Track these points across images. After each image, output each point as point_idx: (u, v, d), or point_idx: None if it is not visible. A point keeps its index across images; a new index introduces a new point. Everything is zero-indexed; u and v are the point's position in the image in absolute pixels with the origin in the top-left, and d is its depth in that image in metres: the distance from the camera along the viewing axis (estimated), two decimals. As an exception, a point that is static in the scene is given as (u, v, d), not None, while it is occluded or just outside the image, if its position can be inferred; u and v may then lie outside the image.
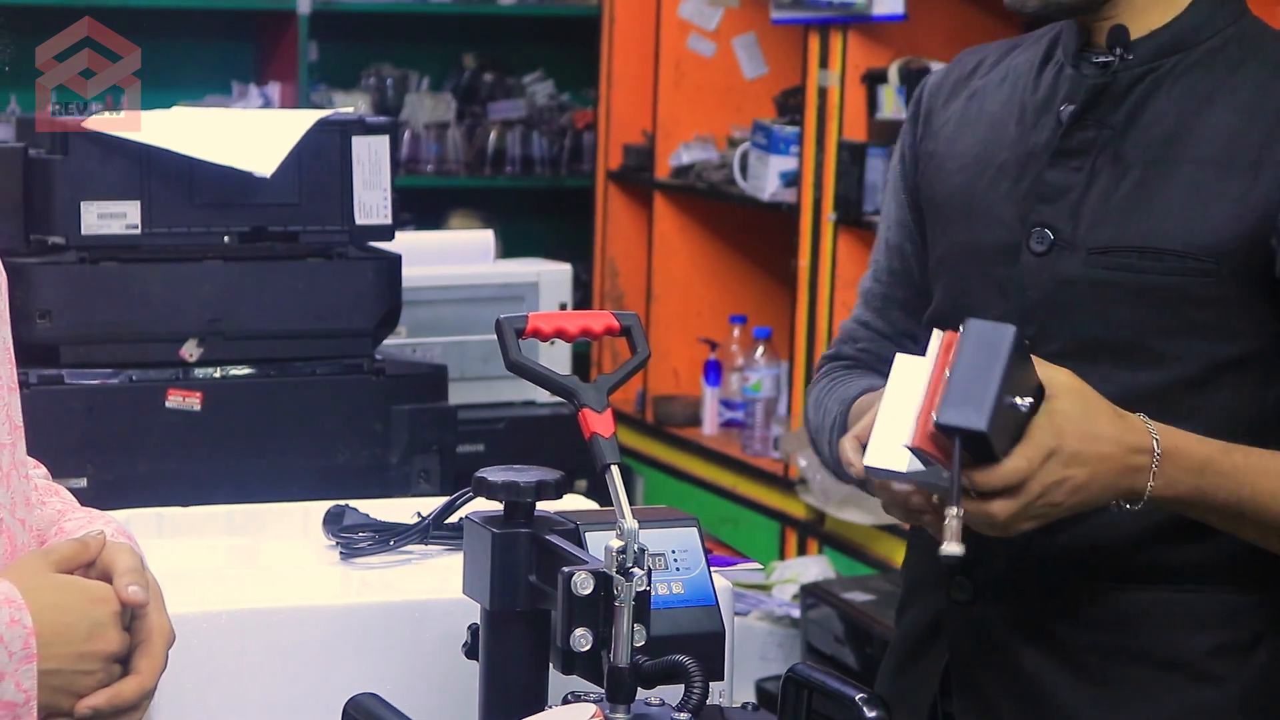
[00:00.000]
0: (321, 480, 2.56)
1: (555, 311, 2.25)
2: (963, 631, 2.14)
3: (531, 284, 3.35)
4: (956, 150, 2.21)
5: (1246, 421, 2.02)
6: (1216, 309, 2.02)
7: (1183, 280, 2.01)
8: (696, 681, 1.76)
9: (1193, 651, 2.06)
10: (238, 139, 2.82)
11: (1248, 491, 1.94)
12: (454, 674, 1.92)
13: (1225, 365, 2.02)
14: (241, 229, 2.80)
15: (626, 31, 5.15)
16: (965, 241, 2.19)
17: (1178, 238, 2.01)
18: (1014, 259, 2.11)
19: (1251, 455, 1.95)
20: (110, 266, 2.74)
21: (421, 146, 5.62)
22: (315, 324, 2.81)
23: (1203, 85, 2.06)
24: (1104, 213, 2.06)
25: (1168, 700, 2.07)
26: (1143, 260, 2.03)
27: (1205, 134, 2.03)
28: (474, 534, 1.88)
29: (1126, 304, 2.04)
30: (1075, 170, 2.09)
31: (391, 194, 2.89)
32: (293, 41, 5.52)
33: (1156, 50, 2.07)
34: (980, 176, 2.17)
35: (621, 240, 5.19)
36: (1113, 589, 2.07)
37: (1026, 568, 2.08)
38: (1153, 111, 2.06)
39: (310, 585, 2.20)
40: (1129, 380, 2.01)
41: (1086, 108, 2.09)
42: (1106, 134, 2.08)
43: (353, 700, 1.77)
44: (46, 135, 2.81)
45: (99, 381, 2.70)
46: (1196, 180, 2.02)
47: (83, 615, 1.68)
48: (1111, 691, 2.08)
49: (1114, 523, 1.99)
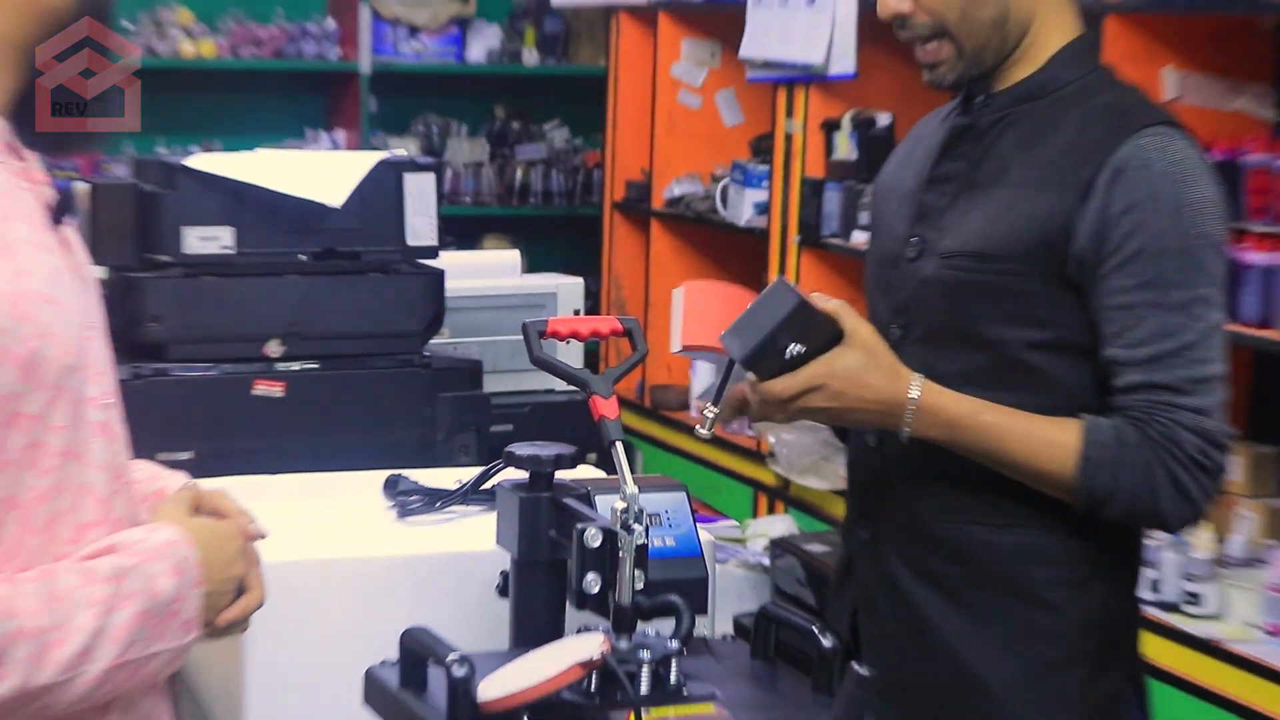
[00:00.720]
0: (380, 454, 2.55)
1: (570, 317, 2.26)
2: (865, 564, 2.15)
3: (550, 294, 3.34)
4: (889, 182, 2.26)
5: (1064, 392, 2.03)
6: (1028, 302, 2.02)
7: (1001, 278, 2.03)
8: (685, 616, 1.78)
9: (1034, 582, 2.06)
10: (311, 175, 2.82)
11: (992, 446, 1.99)
12: (489, 610, 1.92)
13: (1039, 347, 2.03)
14: (314, 249, 2.80)
15: (628, 88, 5.13)
16: (874, 252, 2.26)
17: (996, 244, 2.03)
18: (896, 265, 2.14)
19: (1001, 416, 1.99)
20: (208, 280, 2.74)
21: (461, 182, 5.61)
22: (374, 327, 2.81)
23: (1038, 125, 2.07)
24: (955, 226, 2.08)
25: (1013, 621, 2.07)
26: (973, 262, 2.05)
27: (1030, 164, 2.05)
28: (505, 497, 1.89)
29: (963, 299, 2.06)
30: (943, 194, 2.11)
31: (436, 220, 2.88)
32: (356, 96, 5.52)
33: (1012, 99, 2.09)
34: (889, 201, 2.22)
35: (624, 258, 5.18)
36: (974, 531, 2.07)
37: (911, 514, 2.10)
38: (999, 147, 2.09)
39: (372, 539, 2.20)
40: (968, 360, 2.04)
41: (951, 145, 2.13)
42: (964, 165, 2.11)
43: (407, 631, 1.77)
44: (156, 171, 2.80)
45: (199, 374, 2.70)
46: (1014, 200, 2.04)
47: (221, 549, 1.70)
48: (972, 612, 2.07)
49: (971, 478, 2.03)
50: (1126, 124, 2.01)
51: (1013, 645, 2.07)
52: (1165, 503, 1.95)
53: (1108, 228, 1.97)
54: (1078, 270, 1.99)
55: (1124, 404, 1.97)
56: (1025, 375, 2.03)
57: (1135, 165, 1.97)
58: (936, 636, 2.08)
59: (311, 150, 5.19)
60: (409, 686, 1.76)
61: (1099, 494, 1.96)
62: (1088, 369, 2.02)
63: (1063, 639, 2.07)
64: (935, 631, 2.08)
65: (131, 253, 2.76)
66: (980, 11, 2.05)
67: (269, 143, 4.93)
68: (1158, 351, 1.96)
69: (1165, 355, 1.96)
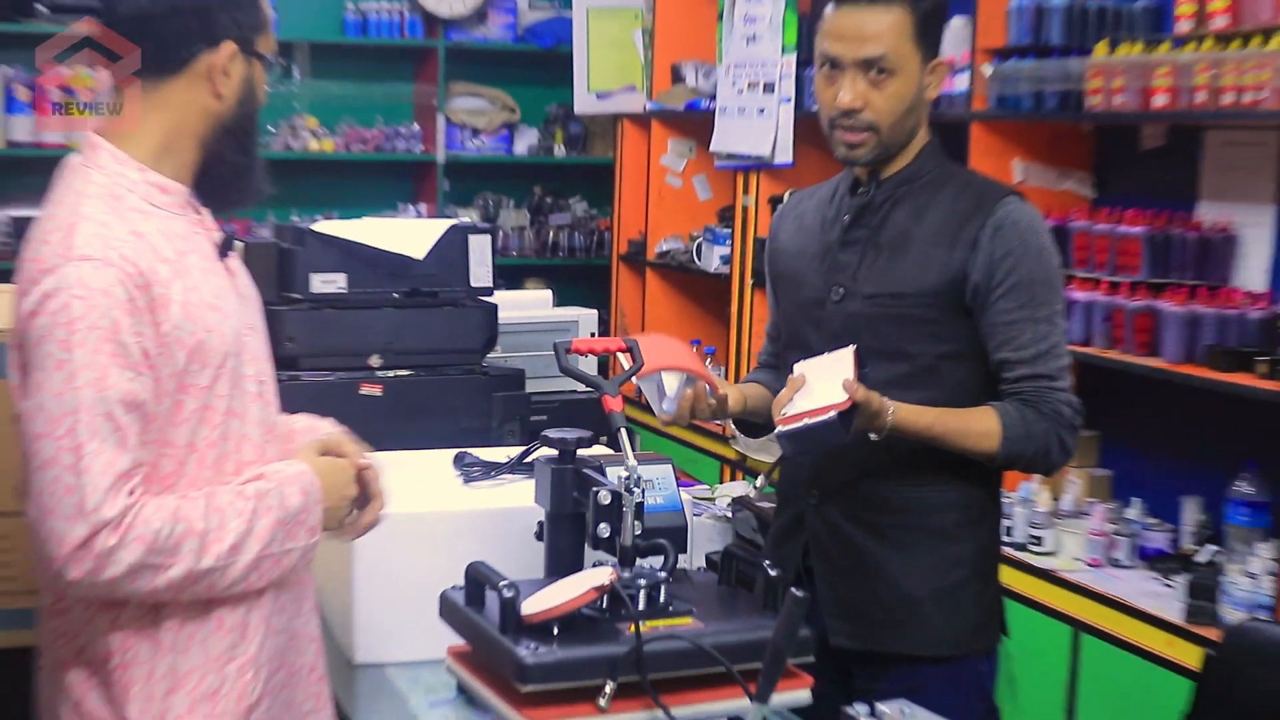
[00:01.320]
0: (451, 437, 2.54)
1: (587, 338, 2.26)
2: (815, 520, 2.15)
3: (574, 321, 3.34)
4: (788, 251, 2.24)
5: (962, 388, 2.06)
6: (935, 325, 2.05)
7: (915, 310, 2.06)
8: (670, 554, 1.79)
9: (945, 524, 2.09)
10: (401, 236, 2.81)
11: (942, 442, 2.02)
12: (529, 550, 1.92)
13: (945, 356, 2.07)
14: (404, 289, 2.78)
15: (629, 173, 5.13)
16: (796, 299, 2.23)
17: (910, 285, 2.06)
18: (822, 306, 2.14)
19: (944, 420, 2.01)
20: (328, 311, 2.73)
21: (509, 240, 5.61)
22: (446, 345, 2.79)
23: (921, 201, 2.10)
24: (870, 275, 2.09)
25: (932, 553, 2.09)
26: (893, 300, 2.07)
27: (924, 228, 2.07)
28: (541, 469, 1.89)
29: (887, 326, 2.07)
30: (853, 254, 2.12)
31: (491, 268, 2.88)
32: (433, 179, 5.52)
33: (896, 183, 2.12)
34: (802, 261, 2.20)
35: (626, 296, 5.17)
36: (901, 490, 2.09)
37: (852, 479, 2.11)
38: (894, 217, 2.10)
39: (445, 498, 2.20)
40: (893, 370, 2.06)
41: (856, 217, 2.13)
42: (867, 232, 2.12)
43: (470, 565, 1.78)
44: (290, 233, 2.78)
45: (321, 379, 2.69)
46: (920, 253, 2.06)
47: (337, 477, 1.74)
48: (902, 550, 2.09)
49: (896, 455, 2.05)
50: (991, 195, 2.07)
51: (932, 570, 2.09)
52: (1055, 456, 2.05)
53: (994, 268, 2.02)
54: (972, 298, 2.03)
55: (1016, 390, 2.04)
56: (935, 376, 2.06)
57: (1008, 223, 2.03)
58: (877, 568, 2.09)
59: (401, 218, 5.19)
60: (472, 604, 1.77)
61: (1015, 457, 2.03)
62: (977, 370, 2.07)
63: (966, 563, 2.10)
64: (875, 564, 2.09)
65: (273, 292, 2.75)
66: (905, 121, 2.08)
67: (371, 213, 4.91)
68: (1036, 352, 2.02)
69: (1041, 354, 2.03)
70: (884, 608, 2.08)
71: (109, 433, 1.50)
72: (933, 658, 2.07)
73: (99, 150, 1.62)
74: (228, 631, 1.63)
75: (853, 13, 2.03)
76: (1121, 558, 3.13)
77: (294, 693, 1.75)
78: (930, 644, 2.07)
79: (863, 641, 2.09)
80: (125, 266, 1.53)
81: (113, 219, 1.57)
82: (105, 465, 1.50)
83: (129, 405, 1.52)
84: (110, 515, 1.49)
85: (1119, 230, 3.16)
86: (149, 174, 1.63)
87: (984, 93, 3.40)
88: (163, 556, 1.53)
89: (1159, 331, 3.00)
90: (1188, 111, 2.94)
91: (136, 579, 1.52)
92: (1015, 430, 2.00)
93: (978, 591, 2.10)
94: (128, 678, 1.59)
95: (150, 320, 1.55)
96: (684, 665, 1.67)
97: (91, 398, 1.50)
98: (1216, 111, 2.86)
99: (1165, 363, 2.97)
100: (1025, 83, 3.29)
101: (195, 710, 1.61)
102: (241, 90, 1.66)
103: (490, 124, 5.63)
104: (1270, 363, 2.78)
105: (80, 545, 1.49)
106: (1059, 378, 2.03)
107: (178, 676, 1.60)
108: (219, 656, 1.63)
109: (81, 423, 1.49)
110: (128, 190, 1.61)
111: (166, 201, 1.64)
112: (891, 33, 2.02)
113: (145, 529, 1.51)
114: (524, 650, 1.63)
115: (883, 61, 2.02)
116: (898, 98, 2.04)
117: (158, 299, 1.55)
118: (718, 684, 1.68)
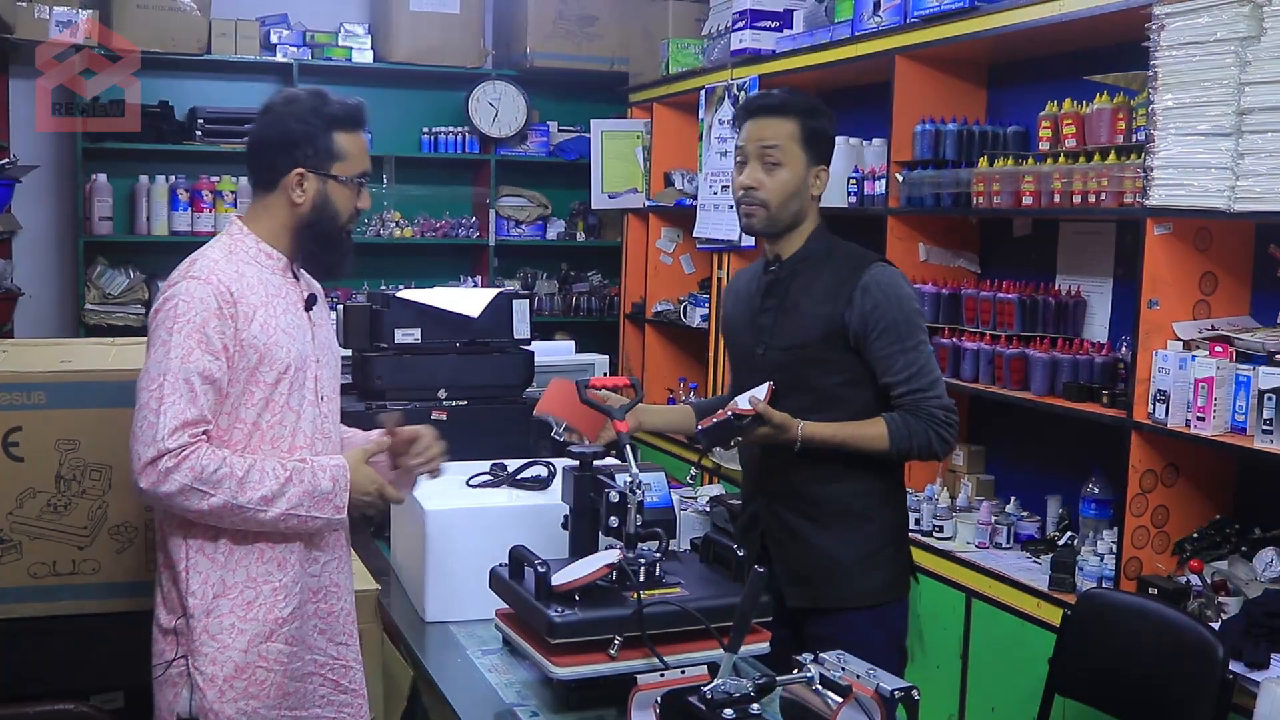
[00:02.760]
0: (498, 451, 2.54)
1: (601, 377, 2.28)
2: (767, 515, 2.14)
3: (590, 364, 3.35)
4: (731, 317, 2.26)
5: (857, 407, 2.06)
6: (828, 363, 2.06)
7: (813, 353, 2.07)
8: (663, 540, 1.79)
9: (861, 507, 2.09)
10: (462, 300, 2.83)
11: (846, 447, 2.03)
12: (556, 537, 1.91)
13: (843, 385, 2.07)
14: (464, 340, 2.81)
15: (633, 253, 5.12)
16: (735, 350, 2.25)
17: (806, 337, 2.07)
18: (753, 357, 2.15)
19: (844, 431, 2.03)
20: (407, 357, 2.75)
21: (543, 303, 5.61)
22: (495, 382, 2.81)
23: (811, 273, 2.11)
24: (780, 332, 2.10)
25: (852, 530, 2.09)
26: (797, 349, 2.08)
27: (813, 294, 2.08)
28: (567, 475, 1.90)
29: (795, 367, 2.08)
30: (768, 317, 2.13)
31: (529, 324, 2.90)
32: (486, 258, 5.52)
33: (794, 262, 2.13)
34: (739, 323, 2.22)
35: (630, 345, 5.15)
36: (825, 487, 2.09)
37: (787, 482, 2.10)
38: (793, 288, 2.11)
39: (494, 496, 2.20)
40: (804, 399, 2.06)
41: (767, 291, 2.15)
42: (776, 300, 2.13)
43: (513, 548, 1.78)
44: (379, 298, 2.80)
45: (402, 407, 2.70)
46: (810, 313, 2.07)
47: (365, 476, 1.79)
48: (829, 529, 2.08)
49: (817, 462, 2.05)
50: (862, 263, 2.08)
51: (854, 542, 2.09)
52: (936, 446, 2.04)
53: (866, 318, 2.03)
54: (854, 342, 2.04)
55: (900, 404, 2.05)
56: (836, 401, 2.07)
57: (873, 284, 2.04)
58: (814, 544, 2.09)
59: (462, 288, 5.22)
60: (515, 578, 1.77)
61: (903, 451, 2.04)
62: (867, 392, 2.07)
63: (877, 535, 2.10)
64: (813, 542, 2.09)
65: (367, 342, 2.77)
66: (790, 204, 2.10)
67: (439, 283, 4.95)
68: (909, 374, 2.03)
69: (913, 375, 2.04)
70: (821, 573, 2.08)
71: (185, 392, 1.62)
72: (860, 607, 2.07)
73: (233, 225, 1.79)
74: (266, 562, 1.71)
75: (759, 120, 2.11)
76: (1002, 541, 3.11)
77: (327, 625, 1.79)
78: (858, 597, 2.07)
79: (809, 600, 2.09)
80: (220, 287, 1.68)
81: (224, 260, 1.72)
82: (177, 413, 1.61)
83: (205, 378, 1.64)
84: (172, 446, 1.60)
85: (998, 296, 3.17)
86: (262, 244, 1.77)
87: (897, 194, 3.42)
88: (207, 486, 1.62)
89: (1029, 372, 3.01)
90: (1048, 209, 2.95)
91: (187, 497, 1.62)
92: (899, 431, 2.02)
93: (890, 556, 2.10)
94: (190, 579, 1.68)
95: (233, 326, 1.67)
96: (674, 624, 1.67)
97: (178, 366, 1.63)
98: (1069, 209, 2.88)
99: (1034, 395, 2.97)
100: (927, 186, 3.31)
101: (234, 612, 1.69)
102: (316, 199, 1.76)
103: (529, 217, 5.65)
104: (1111, 395, 2.78)
105: (149, 463, 1.60)
106: (929, 390, 2.04)
107: (225, 586, 1.69)
108: (257, 578, 1.70)
109: (168, 381, 1.62)
110: (244, 249, 1.75)
111: (271, 264, 1.77)
112: (783, 134, 2.08)
113: (197, 462, 1.62)
114: (553, 612, 1.63)
115: (774, 154, 2.08)
116: (783, 184, 2.08)
117: (242, 314, 1.68)
118: (700, 638, 1.68)
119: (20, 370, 1.99)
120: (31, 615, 1.99)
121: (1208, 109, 2.41)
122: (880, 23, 3.43)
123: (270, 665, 1.70)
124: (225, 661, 1.67)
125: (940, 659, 3.04)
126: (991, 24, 3.03)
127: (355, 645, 1.85)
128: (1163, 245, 2.60)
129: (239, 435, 1.69)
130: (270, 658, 1.70)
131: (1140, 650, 2.21)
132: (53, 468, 1.98)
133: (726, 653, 1.50)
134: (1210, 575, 2.52)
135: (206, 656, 1.66)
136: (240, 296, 1.69)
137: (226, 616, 1.68)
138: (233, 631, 1.68)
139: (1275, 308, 2.65)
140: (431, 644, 1.98)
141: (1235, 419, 2.40)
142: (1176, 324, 2.60)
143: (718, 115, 4.31)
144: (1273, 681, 2.07)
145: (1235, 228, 2.61)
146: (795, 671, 1.54)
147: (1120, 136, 2.81)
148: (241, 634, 1.68)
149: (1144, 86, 2.62)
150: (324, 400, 1.80)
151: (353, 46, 5.14)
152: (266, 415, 1.72)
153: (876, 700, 1.43)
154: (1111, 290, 3.09)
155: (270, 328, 1.71)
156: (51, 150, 4.88)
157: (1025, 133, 3.30)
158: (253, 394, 1.70)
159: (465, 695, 1.77)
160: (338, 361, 1.88)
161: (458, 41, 5.24)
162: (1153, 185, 2.54)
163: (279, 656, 1.71)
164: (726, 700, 1.42)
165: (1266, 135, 2.30)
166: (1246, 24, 2.33)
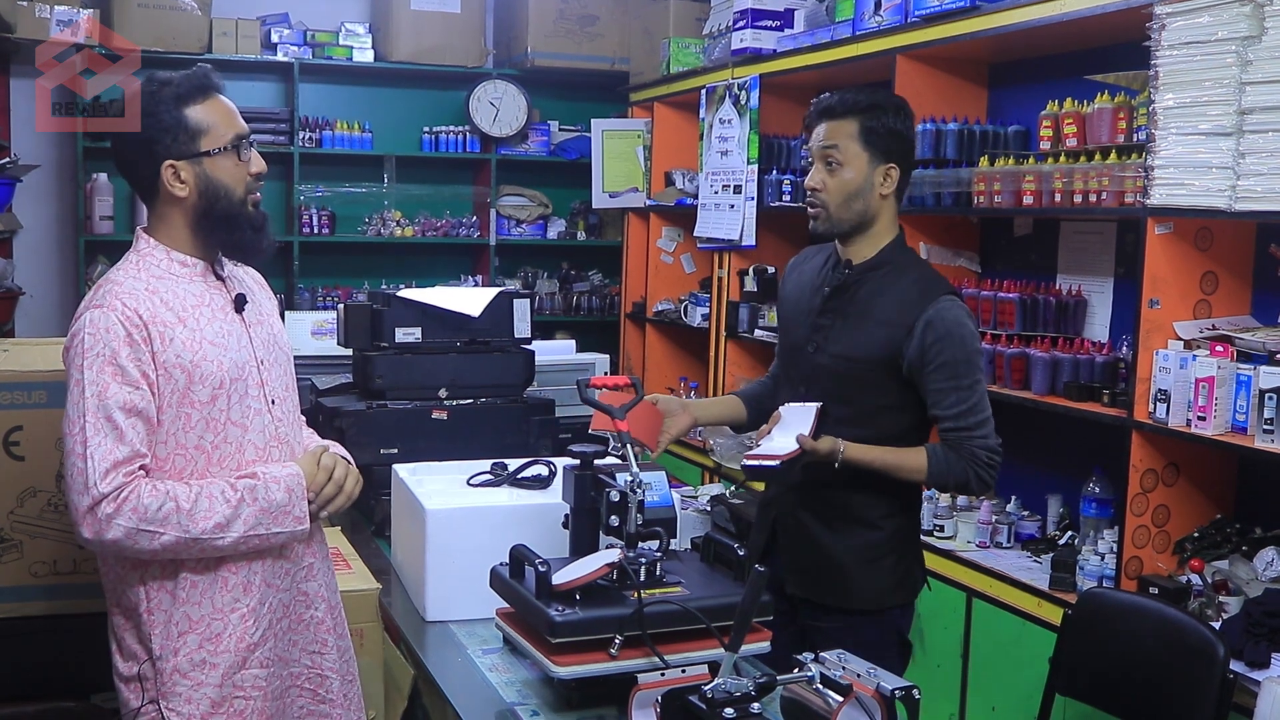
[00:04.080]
0: (499, 450, 2.55)
1: (602, 376, 2.28)
2: (783, 501, 2.16)
3: (591, 363, 3.35)
4: (789, 299, 2.24)
5: (899, 429, 2.06)
6: (875, 384, 2.05)
7: (861, 370, 2.05)
8: (664, 539, 1.79)
9: (871, 516, 2.09)
10: (462, 299, 2.82)
11: (883, 471, 2.03)
12: (557, 536, 1.91)
13: (881, 407, 2.05)
14: (464, 339, 2.79)
15: (634, 252, 5.12)
16: (787, 341, 2.23)
17: (860, 351, 2.05)
18: (802, 352, 2.14)
19: (886, 456, 2.02)
20: (408, 356, 2.75)
21: (544, 302, 5.61)
22: (496, 381, 2.79)
23: (880, 286, 2.08)
24: (836, 338, 2.08)
25: (858, 537, 2.09)
26: (848, 361, 2.07)
27: (880, 308, 2.06)
28: (567, 473, 1.89)
29: (840, 378, 2.07)
30: (830, 319, 2.12)
31: (530, 323, 2.88)
32: (487, 257, 5.51)
33: (864, 269, 2.10)
34: (796, 312, 2.20)
35: (631, 344, 5.15)
36: (844, 493, 2.08)
37: (809, 490, 2.10)
38: (859, 296, 2.09)
39: (495, 495, 2.20)
40: (844, 411, 2.05)
41: (833, 292, 2.12)
42: (840, 303, 2.11)
43: (514, 547, 1.77)
44: (380, 298, 2.79)
45: (403, 406, 2.69)
46: (871, 329, 2.05)
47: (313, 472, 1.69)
48: (838, 533, 2.09)
49: (841, 473, 2.03)
50: (931, 294, 2.05)
51: (860, 547, 2.09)
52: (974, 485, 2.04)
53: (925, 351, 2.01)
54: (908, 372, 2.02)
55: (946, 438, 2.04)
56: (871, 420, 2.06)
57: (937, 319, 2.01)
58: (823, 545, 2.10)
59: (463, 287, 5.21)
60: (515, 577, 1.76)
61: (939, 484, 2.04)
62: (906, 418, 2.06)
63: (884, 544, 2.10)
64: (823, 543, 2.10)
65: (368, 341, 2.76)
66: (851, 203, 2.09)
67: (440, 283, 4.95)
68: (958, 412, 2.02)
69: (962, 413, 2.02)
70: (823, 570, 2.10)
71: (109, 430, 1.53)
72: (857, 610, 2.07)
73: (139, 240, 1.69)
74: (231, 589, 1.63)
75: (822, 123, 2.11)
76: (1003, 540, 3.12)
77: (300, 637, 1.73)
78: (854, 600, 2.08)
79: (806, 591, 2.11)
80: (125, 312, 1.57)
81: (131, 281, 1.62)
82: (105, 454, 1.53)
83: (128, 410, 1.55)
84: (107, 490, 1.52)
85: (999, 295, 3.17)
86: (174, 253, 1.67)
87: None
88: (154, 525, 1.54)
89: (1030, 371, 3.01)
90: (1048, 208, 2.95)
91: (136, 540, 1.54)
92: (939, 466, 2.03)
93: (893, 564, 2.10)
94: (152, 620, 1.61)
95: (148, 351, 1.57)
96: (675, 623, 1.67)
97: (95, 404, 1.54)
98: (1070, 208, 2.88)
99: (1035, 394, 2.97)
100: (929, 186, 3.32)
101: (203, 647, 1.62)
102: (199, 184, 1.65)
103: (530, 216, 5.66)
104: (1112, 395, 2.78)
105: (87, 511, 1.52)
106: (977, 429, 2.02)
107: (190, 621, 1.61)
108: (223, 607, 1.63)
109: (89, 422, 1.53)
110: (153, 263, 1.65)
111: (187, 272, 1.67)
112: (841, 134, 2.08)
113: (138, 502, 1.53)
114: (554, 611, 1.63)
115: (834, 154, 2.08)
116: (844, 184, 2.07)
117: (157, 336, 1.59)
118: (700, 637, 1.67)
119: (21, 369, 1.99)
120: (32, 614, 1.98)
121: (1209, 108, 2.40)
122: (881, 22, 3.43)
123: (248, 693, 1.64)
124: (200, 699, 1.60)
125: (941, 658, 3.04)
126: (992, 23, 3.03)
127: (333, 654, 1.76)
128: (1163, 245, 2.60)
129: (182, 462, 1.59)
130: (247, 685, 1.63)
131: (1141, 650, 2.21)
132: (53, 467, 1.97)
133: (727, 652, 1.50)
134: (1211, 575, 2.52)
135: (181, 696, 1.59)
136: (152, 318, 1.57)
137: (196, 652, 1.60)
138: (205, 667, 1.60)
139: (1276, 307, 2.65)
140: (432, 643, 1.97)
141: (1236, 418, 2.41)
142: (1177, 323, 2.60)
143: (718, 114, 4.31)
144: (1273, 681, 2.07)
145: (1236, 227, 2.61)
146: (796, 671, 1.53)
147: (1121, 136, 2.81)
148: (214, 668, 1.61)
149: (1145, 86, 2.62)
150: (275, 404, 1.70)
151: (353, 46, 5.14)
152: (209, 435, 1.61)
153: (877, 699, 1.43)
154: (1112, 290, 3.09)
155: (195, 343, 1.60)
156: (52, 149, 4.89)
157: (1026, 132, 3.30)
158: (189, 416, 1.59)
159: (466, 694, 1.77)
160: (288, 358, 1.77)
161: (458, 41, 5.24)
162: (1153, 185, 2.54)
163: (256, 682, 1.64)
164: (727, 699, 1.42)
165: (1267, 135, 2.30)
166: (1247, 23, 2.33)
